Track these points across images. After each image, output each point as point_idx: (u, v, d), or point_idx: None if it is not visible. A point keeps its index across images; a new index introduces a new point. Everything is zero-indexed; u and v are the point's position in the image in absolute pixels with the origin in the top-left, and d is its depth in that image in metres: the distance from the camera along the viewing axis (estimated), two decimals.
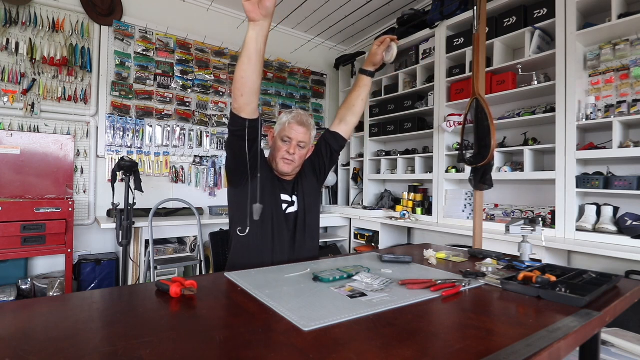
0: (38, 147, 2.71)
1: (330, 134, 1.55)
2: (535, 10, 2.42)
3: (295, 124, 1.40)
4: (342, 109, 1.55)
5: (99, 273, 2.76)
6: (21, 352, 0.57)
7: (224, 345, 0.61)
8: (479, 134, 1.84)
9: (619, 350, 1.38)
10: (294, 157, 1.40)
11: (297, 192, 1.50)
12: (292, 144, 1.39)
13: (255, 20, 0.99)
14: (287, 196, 1.47)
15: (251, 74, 1.09)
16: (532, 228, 1.26)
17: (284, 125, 1.42)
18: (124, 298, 0.91)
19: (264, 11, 0.98)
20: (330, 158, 1.56)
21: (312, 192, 1.53)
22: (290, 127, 1.40)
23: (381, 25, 3.91)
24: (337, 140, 1.54)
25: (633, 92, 2.07)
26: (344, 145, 1.57)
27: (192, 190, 3.45)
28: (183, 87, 3.40)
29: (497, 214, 2.68)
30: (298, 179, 1.52)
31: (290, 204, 1.47)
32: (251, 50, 1.04)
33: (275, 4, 0.99)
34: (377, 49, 1.46)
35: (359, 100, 1.53)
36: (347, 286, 0.94)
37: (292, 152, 1.39)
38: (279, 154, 1.41)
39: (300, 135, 1.40)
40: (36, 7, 2.75)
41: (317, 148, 1.56)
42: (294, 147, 1.39)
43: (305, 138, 1.42)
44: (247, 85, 1.11)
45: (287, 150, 1.39)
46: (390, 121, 3.59)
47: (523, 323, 0.74)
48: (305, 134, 1.41)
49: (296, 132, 1.40)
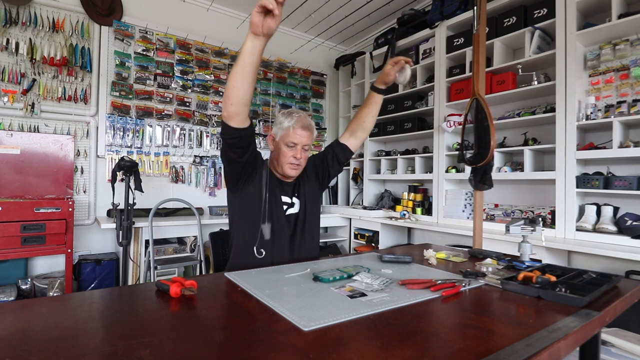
0: (38, 147, 2.71)
1: (339, 146, 1.57)
2: (535, 10, 2.42)
3: (299, 129, 1.39)
4: (354, 124, 1.57)
5: (99, 273, 2.76)
6: (21, 352, 0.57)
7: (224, 346, 0.61)
8: (479, 134, 1.84)
9: (619, 350, 1.38)
10: (301, 161, 1.41)
11: (299, 195, 1.50)
12: (298, 149, 1.39)
13: (256, 34, 1.01)
14: (287, 198, 1.47)
15: (243, 85, 1.09)
16: (532, 228, 1.26)
17: (288, 130, 1.40)
18: (124, 298, 0.91)
19: (266, 29, 0.99)
20: (336, 168, 1.58)
21: (314, 195, 1.54)
22: (295, 133, 1.39)
23: (381, 25, 3.91)
24: (345, 152, 1.57)
25: (633, 92, 2.07)
26: (349, 158, 1.61)
27: (192, 190, 3.45)
28: (183, 87, 3.40)
29: (497, 214, 2.68)
30: (300, 182, 1.52)
31: (290, 206, 1.47)
32: (246, 62, 1.05)
33: (277, 26, 1.00)
34: (390, 69, 1.46)
35: (369, 116, 1.55)
36: (347, 286, 0.94)
37: (299, 157, 1.40)
38: (285, 159, 1.40)
39: (304, 139, 1.40)
40: (36, 7, 2.75)
41: (324, 156, 1.58)
42: (299, 152, 1.40)
43: (310, 141, 1.43)
44: (237, 95, 1.11)
45: (294, 155, 1.39)
46: (390, 121, 3.59)
47: (523, 323, 0.74)
48: (309, 137, 1.42)
49: (301, 137, 1.39)
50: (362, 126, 1.55)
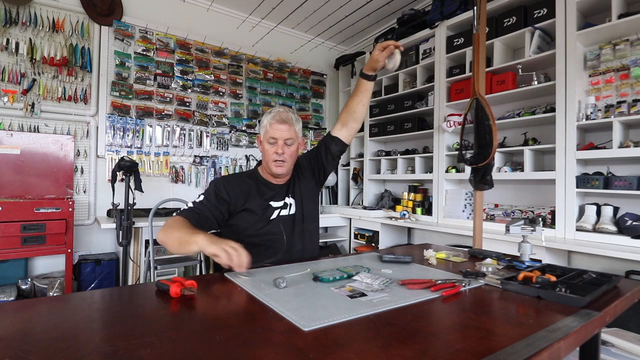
0: (38, 147, 2.71)
1: (331, 138, 1.52)
2: (535, 10, 2.42)
3: (276, 123, 1.37)
4: (344, 114, 1.51)
5: (99, 273, 2.76)
6: (21, 352, 0.57)
7: (224, 345, 0.61)
8: (479, 134, 1.84)
9: (619, 350, 1.38)
10: (284, 156, 1.38)
11: (294, 195, 1.47)
12: (279, 144, 1.37)
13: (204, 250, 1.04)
14: (279, 202, 1.44)
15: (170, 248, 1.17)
16: (532, 228, 1.26)
17: (266, 127, 1.39)
18: (124, 298, 0.91)
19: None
20: (331, 162, 1.55)
21: (310, 195, 1.52)
22: (273, 128, 1.37)
23: (381, 25, 3.91)
24: (337, 144, 1.52)
25: (633, 92, 2.07)
26: (344, 150, 1.55)
27: (192, 190, 3.45)
28: (183, 87, 3.40)
29: (497, 214, 2.68)
30: (294, 182, 1.50)
31: (283, 207, 1.44)
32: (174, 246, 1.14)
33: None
34: (379, 54, 1.36)
35: (359, 105, 1.48)
36: (347, 286, 0.94)
37: (281, 152, 1.37)
38: (269, 157, 1.39)
39: (284, 133, 1.37)
40: (36, 7, 2.75)
41: (317, 152, 1.55)
42: (281, 147, 1.37)
43: (291, 134, 1.39)
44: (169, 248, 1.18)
45: (275, 151, 1.37)
46: (390, 121, 3.59)
47: (523, 323, 0.74)
48: (289, 130, 1.38)
49: (280, 131, 1.37)
50: (353, 116, 1.49)
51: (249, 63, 3.81)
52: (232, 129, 3.70)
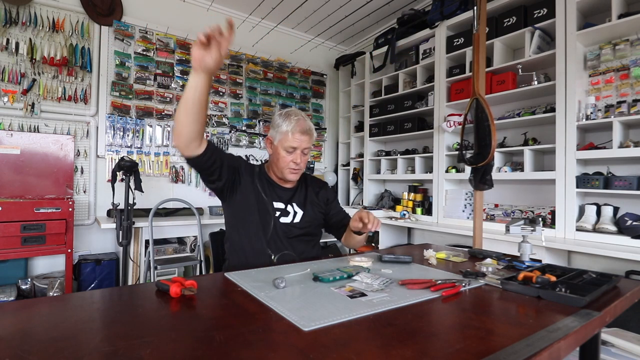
0: (38, 147, 2.71)
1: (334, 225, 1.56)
2: (535, 10, 2.42)
3: (298, 133, 1.34)
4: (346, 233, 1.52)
5: (99, 273, 2.76)
6: (21, 352, 0.57)
7: (224, 345, 0.61)
8: (479, 134, 1.84)
9: (619, 350, 1.38)
10: (301, 165, 1.39)
11: (297, 204, 1.45)
12: (298, 153, 1.37)
13: (196, 70, 0.99)
14: (281, 204, 1.42)
15: (188, 121, 1.07)
16: (532, 228, 1.26)
17: (286, 134, 1.35)
18: (124, 298, 0.91)
19: (203, 66, 0.97)
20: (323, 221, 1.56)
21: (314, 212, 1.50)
22: (295, 138, 1.34)
23: (381, 25, 3.91)
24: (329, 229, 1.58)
25: (633, 92, 2.07)
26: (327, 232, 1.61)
27: (192, 190, 3.45)
28: (183, 87, 3.39)
29: (497, 214, 2.68)
30: (300, 191, 1.49)
31: (284, 213, 1.41)
32: (189, 97, 1.04)
33: (217, 66, 0.98)
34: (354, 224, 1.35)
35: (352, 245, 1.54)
36: (347, 286, 0.94)
37: (299, 162, 1.38)
38: (285, 164, 1.38)
39: (304, 144, 1.37)
40: (36, 7, 2.75)
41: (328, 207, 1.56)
42: (299, 156, 1.37)
43: (309, 144, 1.39)
44: (182, 132, 1.10)
45: (293, 160, 1.37)
46: (390, 121, 3.59)
47: (523, 323, 0.74)
48: (309, 141, 1.38)
49: (300, 142, 1.35)
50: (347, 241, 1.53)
51: (249, 63, 3.81)
52: (232, 129, 3.70)
